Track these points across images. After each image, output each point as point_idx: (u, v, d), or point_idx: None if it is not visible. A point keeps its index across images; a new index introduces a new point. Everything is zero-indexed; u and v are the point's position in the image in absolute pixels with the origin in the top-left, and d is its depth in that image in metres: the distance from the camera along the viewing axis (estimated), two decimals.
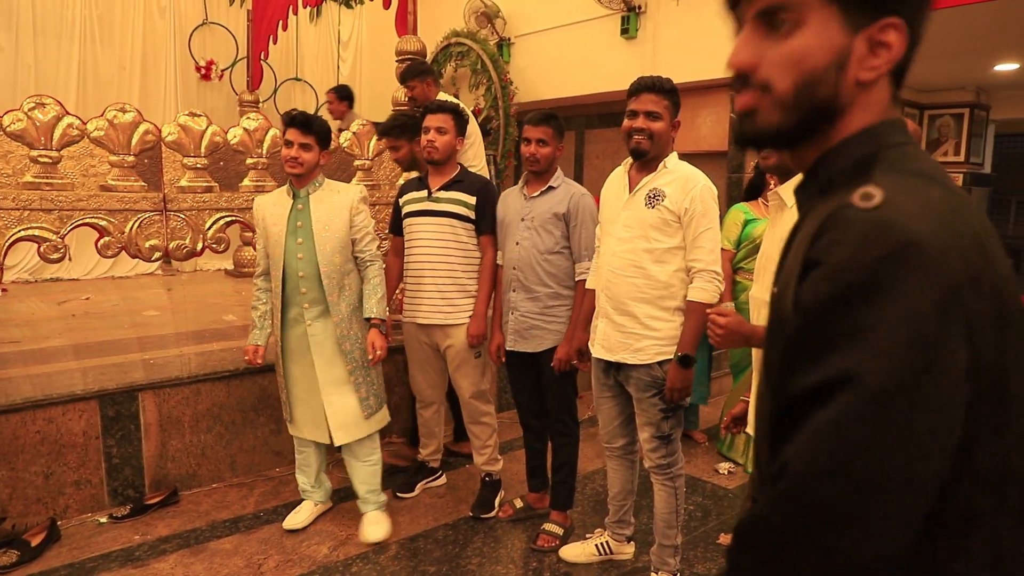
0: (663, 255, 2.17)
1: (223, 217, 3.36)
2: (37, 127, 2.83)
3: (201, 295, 5.53)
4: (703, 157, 5.17)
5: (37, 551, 2.50)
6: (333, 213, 2.59)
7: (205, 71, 7.05)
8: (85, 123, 2.96)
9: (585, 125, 6.58)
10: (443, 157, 2.76)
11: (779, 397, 0.64)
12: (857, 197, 0.60)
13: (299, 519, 2.77)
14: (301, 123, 2.53)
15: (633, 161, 2.25)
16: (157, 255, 3.20)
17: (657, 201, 2.16)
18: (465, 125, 2.89)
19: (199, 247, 3.31)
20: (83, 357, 3.36)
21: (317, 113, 3.04)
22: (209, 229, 3.31)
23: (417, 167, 3.22)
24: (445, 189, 2.78)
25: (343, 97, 5.54)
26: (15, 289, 5.55)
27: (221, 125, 3.37)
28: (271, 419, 3.24)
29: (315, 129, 2.54)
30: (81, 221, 2.98)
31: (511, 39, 6.45)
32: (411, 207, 2.84)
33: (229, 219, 3.38)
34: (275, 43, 6.48)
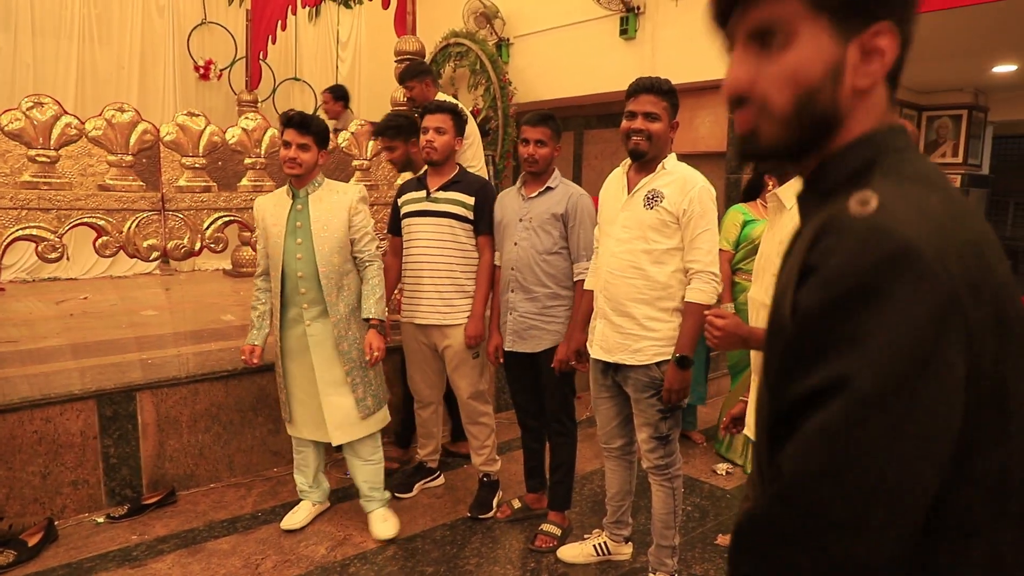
0: (661, 256, 2.18)
1: (221, 217, 3.36)
2: (35, 126, 2.83)
3: (199, 295, 5.53)
4: (702, 158, 5.17)
5: (34, 551, 2.49)
6: (332, 213, 2.59)
7: (204, 71, 7.04)
8: (83, 122, 2.96)
9: (584, 126, 6.59)
10: (442, 157, 2.76)
11: (777, 400, 0.64)
12: (854, 203, 0.61)
13: (297, 519, 2.77)
14: (298, 123, 2.52)
15: (632, 162, 2.26)
16: (155, 255, 3.20)
17: (656, 202, 2.16)
18: (464, 125, 2.89)
19: (197, 247, 3.31)
20: (81, 357, 3.36)
21: (315, 113, 3.05)
22: (207, 229, 3.31)
23: (412, 168, 3.22)
24: (444, 189, 2.78)
25: (339, 97, 5.52)
26: (13, 288, 5.55)
27: (219, 125, 3.37)
28: (269, 419, 3.23)
29: (313, 129, 2.54)
30: (79, 221, 2.98)
31: (510, 39, 6.45)
32: (410, 207, 2.84)
33: (227, 219, 3.38)
34: (274, 43, 6.48)
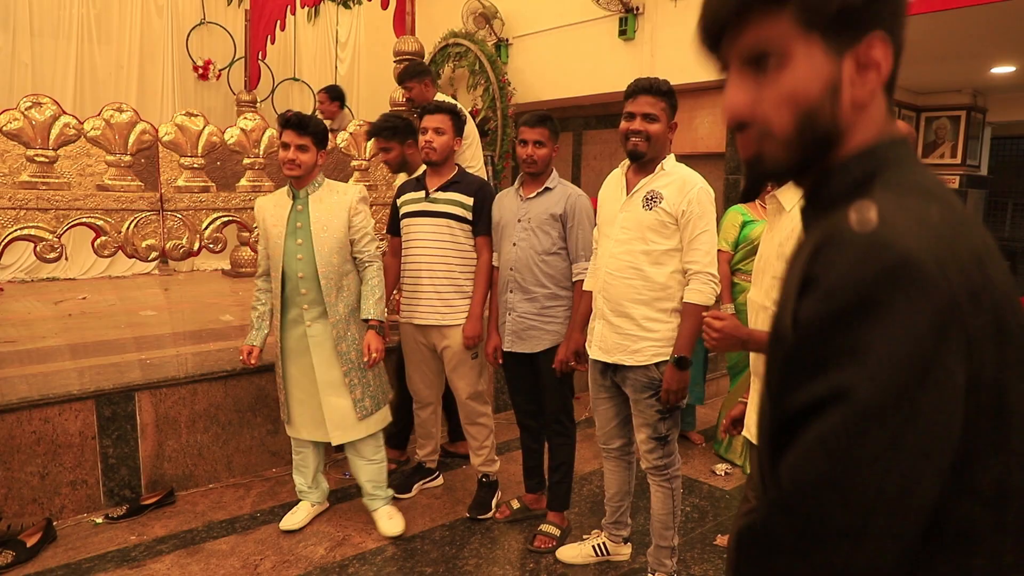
0: (660, 257, 2.18)
1: (220, 217, 3.36)
2: (34, 126, 2.83)
3: (198, 295, 5.53)
4: (701, 158, 5.18)
5: (33, 552, 2.49)
6: (332, 213, 2.59)
7: (203, 71, 7.04)
8: (82, 123, 2.96)
9: (583, 126, 6.59)
10: (441, 158, 2.76)
11: (778, 409, 0.64)
12: (853, 216, 0.61)
13: (296, 520, 2.76)
14: (296, 124, 2.51)
15: (630, 163, 2.26)
16: (154, 255, 3.20)
17: (655, 203, 2.16)
18: (463, 126, 2.89)
19: (196, 247, 3.31)
20: (79, 357, 3.36)
21: (314, 113, 3.04)
22: (206, 229, 3.31)
23: (407, 169, 3.20)
24: (443, 190, 2.78)
25: (334, 97, 5.50)
26: (11, 288, 5.55)
27: (218, 125, 3.37)
28: (268, 419, 3.23)
29: (311, 130, 2.53)
30: (77, 221, 2.98)
31: (509, 40, 6.45)
32: (409, 208, 2.84)
33: (226, 219, 3.38)
34: (273, 43, 6.49)
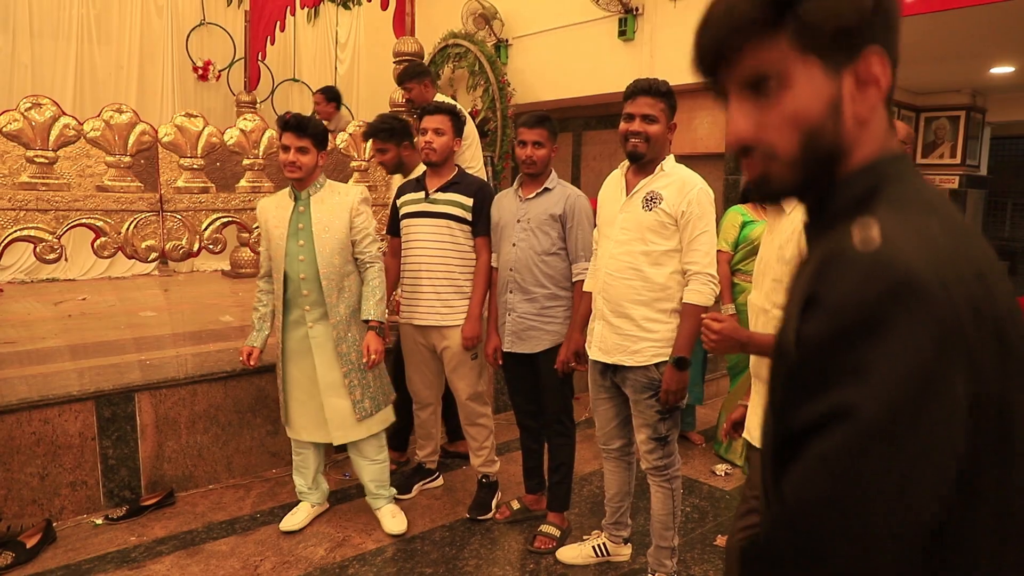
0: (660, 257, 2.18)
1: (220, 218, 3.36)
2: (33, 127, 2.83)
3: (198, 296, 5.53)
4: (701, 159, 5.18)
5: (32, 553, 2.49)
6: (333, 214, 2.59)
7: (202, 71, 7.04)
8: (81, 123, 2.96)
9: (582, 127, 6.59)
10: (440, 159, 2.76)
11: (781, 426, 0.65)
12: (856, 234, 0.61)
13: (296, 521, 2.76)
14: (295, 127, 2.51)
15: (630, 164, 2.26)
16: (153, 256, 3.20)
17: (654, 204, 2.16)
18: (462, 126, 2.89)
19: (195, 248, 3.31)
20: (79, 358, 3.35)
21: (313, 115, 3.03)
22: (206, 230, 3.31)
23: (403, 170, 3.19)
24: (443, 191, 2.78)
25: (331, 98, 5.48)
26: (11, 289, 5.54)
27: (218, 126, 3.37)
28: (268, 420, 3.23)
29: (310, 131, 2.53)
30: (77, 222, 2.98)
31: (509, 41, 6.46)
32: (408, 208, 2.84)
33: (226, 220, 3.38)
34: (272, 44, 6.49)
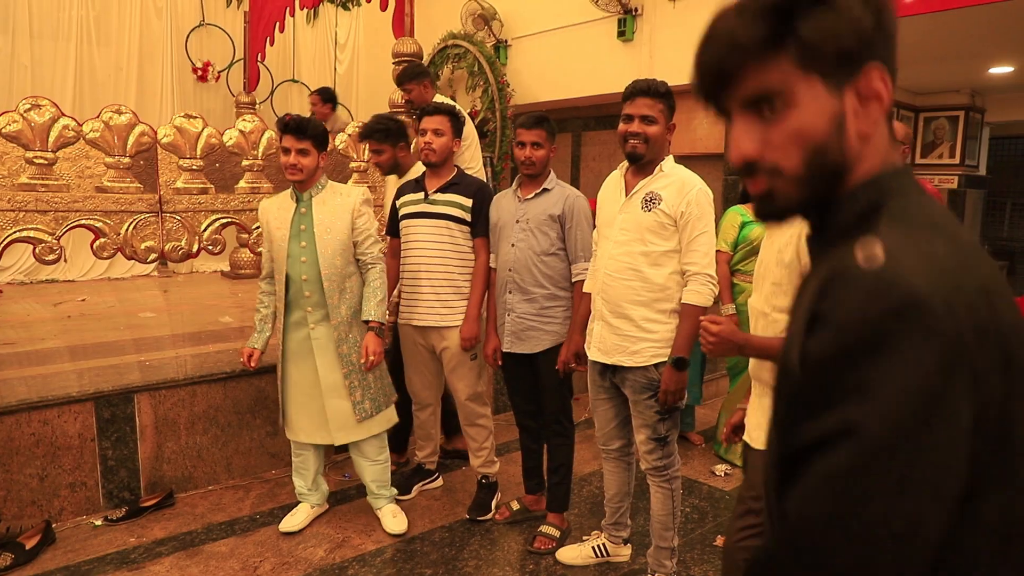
0: (659, 258, 2.18)
1: (219, 219, 3.36)
2: (33, 128, 2.83)
3: (197, 297, 5.53)
4: (700, 159, 5.18)
5: (32, 554, 2.49)
6: (335, 215, 2.59)
7: (202, 72, 7.05)
8: (81, 125, 2.96)
9: (582, 127, 6.59)
10: (440, 159, 2.76)
11: (784, 447, 0.65)
12: (860, 253, 0.61)
13: (295, 522, 2.76)
14: (296, 129, 2.51)
15: (629, 165, 2.26)
16: (153, 257, 3.20)
17: (653, 204, 2.17)
18: (461, 127, 2.89)
19: (195, 249, 3.31)
20: (79, 359, 3.35)
21: (312, 115, 3.03)
22: (205, 231, 3.31)
23: (398, 171, 3.19)
24: (442, 191, 2.78)
25: (327, 99, 5.47)
26: (10, 290, 5.54)
27: (218, 127, 3.37)
28: (267, 421, 3.23)
29: (310, 133, 2.53)
30: (76, 223, 2.98)
31: (508, 41, 6.46)
32: (408, 209, 2.84)
33: (225, 221, 3.38)
34: (272, 45, 6.50)
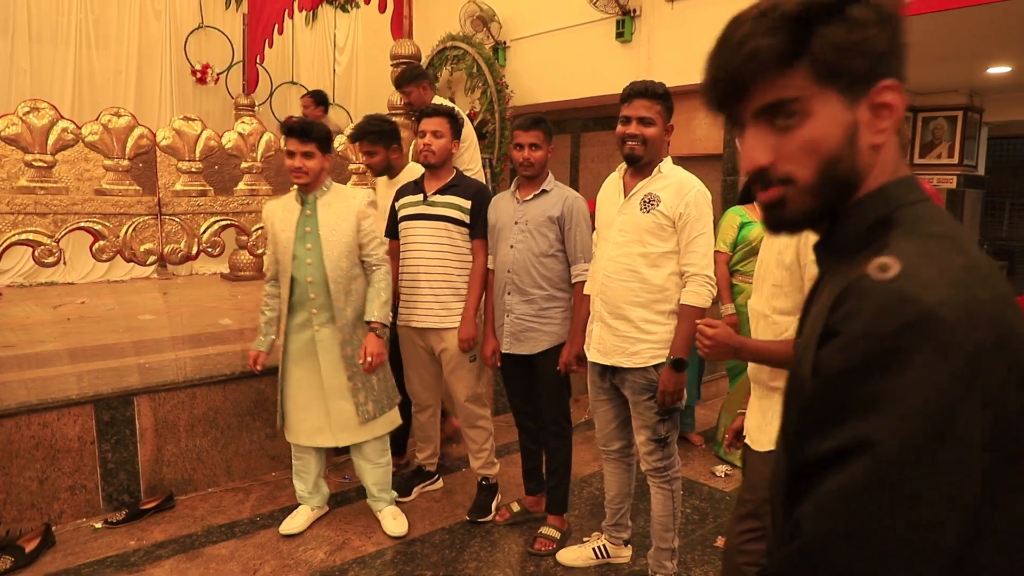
0: (658, 259, 2.18)
1: (218, 221, 3.36)
2: (32, 131, 2.83)
3: (197, 299, 5.52)
4: (699, 160, 5.18)
5: (32, 557, 2.48)
6: (341, 218, 2.59)
7: (201, 75, 7.04)
8: (80, 127, 2.96)
9: (581, 128, 6.60)
10: (439, 161, 2.76)
11: (795, 459, 0.64)
12: (875, 268, 0.61)
13: (296, 524, 2.76)
14: (300, 132, 2.52)
15: (627, 166, 2.26)
16: (152, 259, 3.20)
17: (652, 206, 2.17)
18: (460, 128, 2.89)
19: (194, 251, 3.31)
20: (78, 361, 3.35)
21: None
22: (204, 233, 3.31)
23: (390, 173, 3.19)
24: (441, 193, 2.78)
25: (319, 102, 5.45)
26: (10, 293, 5.54)
27: (217, 129, 3.37)
28: (267, 423, 3.23)
29: (314, 136, 2.53)
30: (76, 225, 2.98)
31: (506, 43, 6.46)
32: (407, 211, 2.84)
33: (224, 223, 3.39)
34: (271, 47, 6.50)
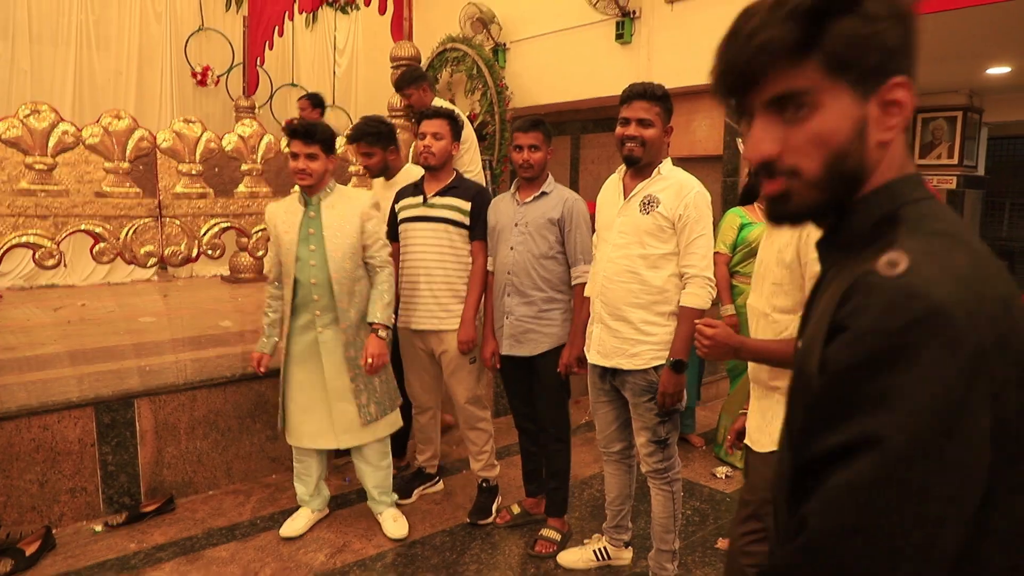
0: (658, 261, 2.18)
1: (218, 223, 3.36)
2: (32, 134, 2.83)
3: (197, 301, 5.52)
4: (699, 161, 5.19)
5: (32, 560, 2.48)
6: (344, 219, 2.59)
7: (201, 77, 7.05)
8: (80, 130, 2.97)
9: (580, 130, 6.60)
10: (439, 163, 2.76)
11: (800, 456, 0.64)
12: (883, 264, 0.61)
13: (296, 526, 2.76)
14: (303, 134, 2.52)
15: (627, 168, 2.26)
16: (152, 261, 3.20)
17: (652, 207, 2.17)
18: (460, 130, 2.89)
19: (194, 253, 3.31)
20: (79, 364, 3.35)
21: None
22: (204, 235, 3.31)
23: (387, 174, 3.19)
24: (441, 195, 2.78)
25: (316, 104, 5.44)
26: (10, 295, 5.54)
27: (217, 131, 3.37)
28: (267, 425, 3.23)
29: (318, 137, 2.53)
30: (76, 228, 2.98)
31: (506, 44, 6.47)
32: (407, 213, 2.84)
33: (224, 225, 3.39)
34: (271, 49, 6.50)
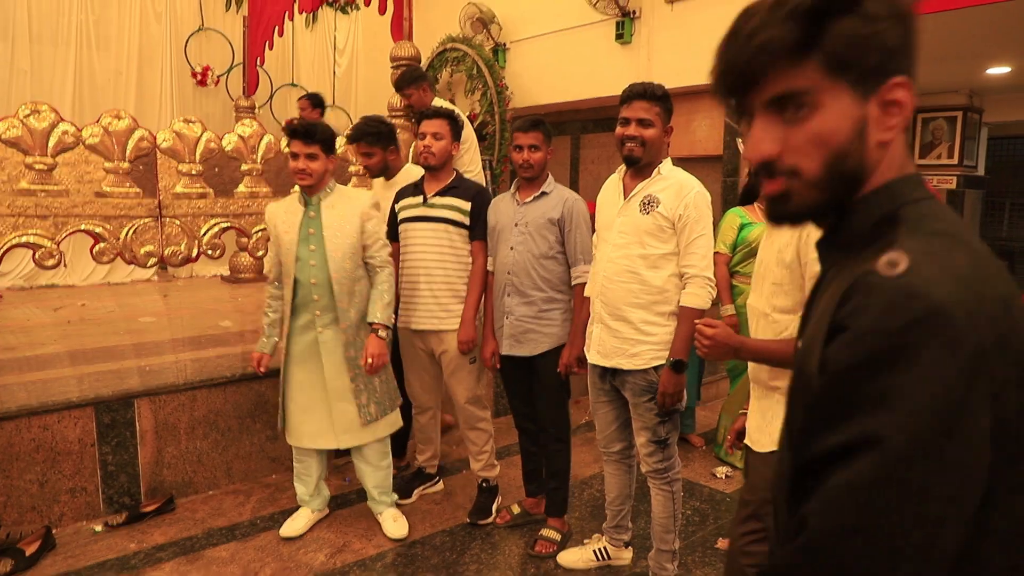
0: (658, 261, 2.18)
1: (218, 223, 3.36)
2: (32, 134, 2.83)
3: (197, 301, 5.52)
4: (699, 161, 5.19)
5: (32, 560, 2.48)
6: (344, 219, 2.59)
7: (201, 77, 7.05)
8: (80, 130, 2.97)
9: (580, 130, 6.60)
10: (439, 163, 2.76)
11: (800, 456, 0.64)
12: (883, 264, 0.62)
13: (296, 526, 2.76)
14: (303, 134, 2.52)
15: (627, 168, 2.26)
16: (152, 261, 3.20)
17: (652, 207, 2.17)
18: (460, 130, 2.89)
19: (194, 253, 3.31)
20: (79, 364, 3.35)
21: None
22: (204, 235, 3.31)
23: (387, 175, 3.19)
24: (441, 195, 2.78)
25: (316, 104, 5.45)
26: (10, 295, 5.54)
27: (218, 131, 3.37)
28: (267, 425, 3.23)
29: (318, 137, 2.53)
30: (76, 228, 2.98)
31: (506, 44, 6.47)
32: (406, 213, 2.84)
33: (224, 225, 3.39)
34: (271, 49, 6.50)
